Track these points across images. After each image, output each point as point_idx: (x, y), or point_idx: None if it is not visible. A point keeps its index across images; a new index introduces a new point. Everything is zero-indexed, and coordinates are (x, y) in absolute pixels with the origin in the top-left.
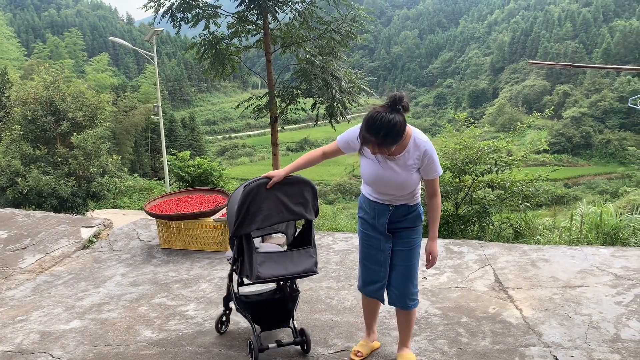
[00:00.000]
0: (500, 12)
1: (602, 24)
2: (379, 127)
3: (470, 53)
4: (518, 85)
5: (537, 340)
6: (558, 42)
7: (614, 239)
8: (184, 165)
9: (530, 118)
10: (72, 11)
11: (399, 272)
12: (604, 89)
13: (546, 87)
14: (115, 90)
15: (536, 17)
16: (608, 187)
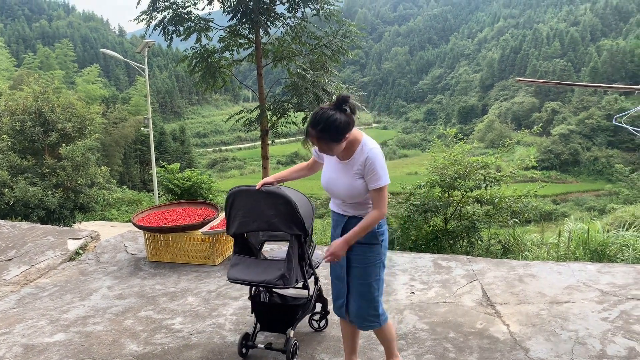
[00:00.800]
0: (490, 29)
1: (589, 43)
2: (318, 121)
3: (460, 70)
4: (507, 102)
5: (524, 355)
6: (547, 60)
7: (601, 256)
8: (174, 178)
9: (519, 134)
10: (63, 22)
11: (354, 289)
12: (591, 107)
13: (535, 104)
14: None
15: (525, 35)
16: (596, 203)
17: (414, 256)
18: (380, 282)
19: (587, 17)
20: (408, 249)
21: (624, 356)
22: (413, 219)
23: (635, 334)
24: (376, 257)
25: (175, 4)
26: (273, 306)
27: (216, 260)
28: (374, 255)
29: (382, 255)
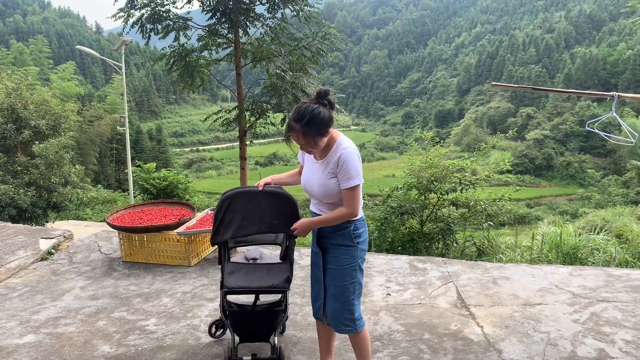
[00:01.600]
0: (467, 35)
1: (564, 50)
2: (302, 115)
3: (438, 74)
4: (483, 107)
5: (497, 357)
6: (522, 65)
7: (573, 259)
8: (149, 178)
9: (494, 139)
10: (38, 18)
11: (330, 292)
12: (565, 113)
13: (510, 109)
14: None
15: (502, 41)
16: (568, 207)
17: (390, 258)
18: (357, 286)
19: (561, 24)
20: (384, 250)
21: (593, 357)
22: (390, 220)
23: (605, 335)
24: (351, 260)
25: (153, 1)
26: (256, 314)
27: (192, 261)
28: (348, 258)
29: (359, 259)
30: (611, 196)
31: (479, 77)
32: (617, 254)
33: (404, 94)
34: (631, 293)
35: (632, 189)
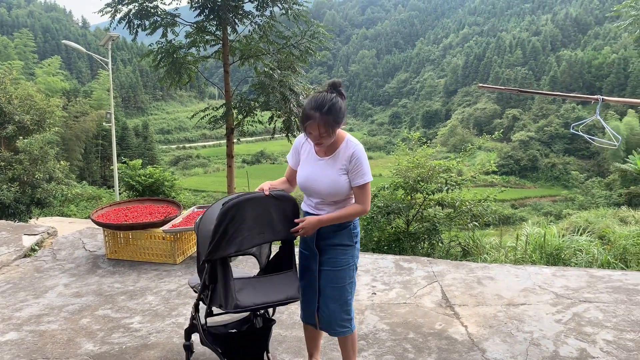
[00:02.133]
0: (455, 36)
1: (550, 52)
2: (322, 103)
3: (425, 75)
4: (470, 108)
5: (481, 356)
6: (509, 67)
7: (556, 259)
8: (135, 174)
9: (480, 140)
10: (23, 11)
11: (326, 295)
12: (550, 115)
13: (497, 110)
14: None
15: (489, 43)
16: (552, 209)
17: (376, 257)
18: (353, 285)
19: (548, 27)
20: (371, 250)
21: (575, 357)
22: (376, 220)
23: (587, 335)
24: (349, 260)
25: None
26: (248, 334)
27: (177, 259)
28: (347, 258)
29: (356, 258)
30: (594, 198)
31: (466, 78)
32: (600, 255)
33: (392, 94)
34: (612, 294)
35: (615, 191)
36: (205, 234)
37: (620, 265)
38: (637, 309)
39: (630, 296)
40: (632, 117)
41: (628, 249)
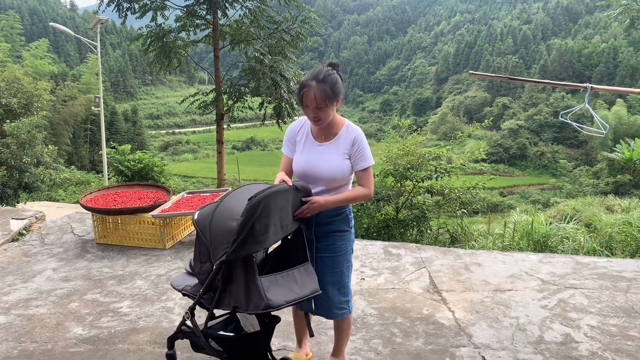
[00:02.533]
0: (446, 23)
1: (540, 41)
2: (318, 72)
3: (417, 62)
4: (460, 96)
5: (468, 341)
6: (500, 56)
7: (543, 247)
8: (124, 160)
9: (470, 128)
10: None
11: (324, 281)
12: (540, 104)
13: (487, 98)
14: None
15: (480, 31)
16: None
17: (365, 243)
18: (350, 268)
19: (539, 16)
20: (360, 236)
21: (560, 342)
22: (366, 207)
23: (571, 321)
24: (347, 245)
25: None
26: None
27: (167, 244)
28: (345, 244)
29: (352, 242)
30: (582, 186)
31: (457, 66)
32: (586, 242)
33: (383, 81)
34: (597, 280)
35: (602, 180)
36: (222, 231)
37: (605, 252)
38: (621, 295)
39: (615, 282)
40: (620, 106)
41: (614, 236)
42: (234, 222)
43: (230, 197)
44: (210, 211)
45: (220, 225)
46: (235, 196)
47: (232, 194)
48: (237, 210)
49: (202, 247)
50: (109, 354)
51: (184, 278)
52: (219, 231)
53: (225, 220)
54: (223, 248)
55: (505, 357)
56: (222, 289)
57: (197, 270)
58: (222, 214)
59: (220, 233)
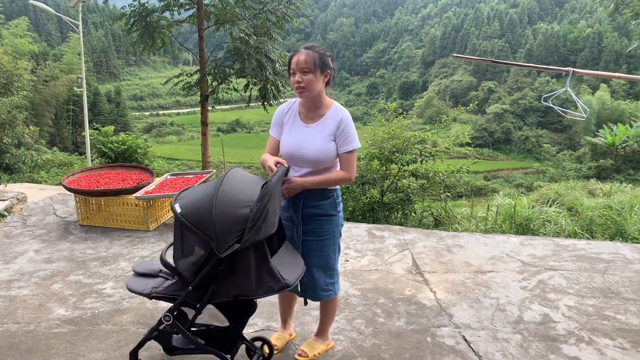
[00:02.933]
0: (433, 6)
1: (527, 25)
2: (308, 45)
3: (403, 45)
4: (446, 80)
5: (448, 321)
6: (486, 39)
7: (526, 229)
8: (108, 141)
9: (455, 112)
10: None
11: (311, 263)
12: (525, 88)
13: (473, 82)
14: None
15: (467, 14)
16: (524, 181)
17: (350, 226)
18: (338, 250)
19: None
20: (345, 219)
21: (538, 322)
22: (351, 190)
23: (550, 301)
24: (334, 229)
25: None
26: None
27: (150, 225)
28: (332, 227)
29: (340, 225)
30: (565, 170)
31: (443, 49)
32: (567, 225)
33: (370, 63)
34: (576, 262)
35: (585, 164)
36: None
37: (586, 235)
38: (599, 276)
39: (593, 264)
40: (604, 91)
41: (594, 220)
42: (244, 210)
43: (227, 187)
44: (201, 202)
45: (228, 214)
46: (232, 185)
47: (226, 183)
48: (243, 199)
49: (190, 241)
50: (92, 335)
51: (142, 281)
52: (227, 221)
53: (233, 209)
54: (233, 237)
55: (484, 337)
56: (221, 280)
57: (182, 266)
58: (227, 204)
59: (228, 223)
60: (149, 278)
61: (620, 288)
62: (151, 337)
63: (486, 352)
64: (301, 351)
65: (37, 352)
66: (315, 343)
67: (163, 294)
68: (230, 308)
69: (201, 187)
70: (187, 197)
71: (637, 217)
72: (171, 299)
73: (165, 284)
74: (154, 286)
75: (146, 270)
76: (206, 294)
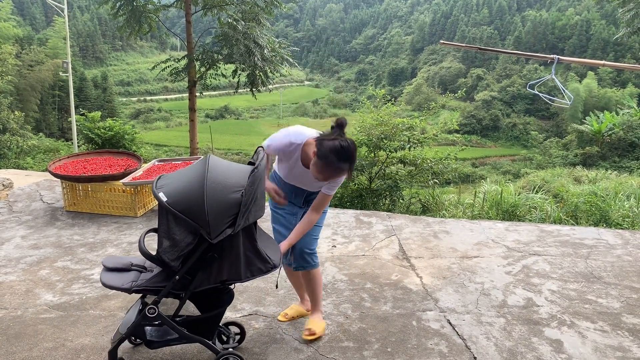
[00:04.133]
0: None
1: (515, 12)
2: (350, 155)
3: (393, 31)
4: (435, 67)
5: (434, 305)
6: (475, 26)
7: (512, 216)
8: (94, 127)
9: (444, 98)
10: None
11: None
12: (513, 75)
13: (461, 69)
14: (19, 42)
15: (456, 1)
16: (511, 168)
17: (338, 211)
18: (320, 228)
19: None
20: (333, 205)
21: (522, 306)
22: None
23: (534, 286)
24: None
25: None
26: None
27: (138, 211)
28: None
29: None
30: (552, 158)
31: (432, 36)
32: (553, 212)
33: (359, 50)
34: (560, 247)
35: (571, 151)
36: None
37: (571, 221)
38: (582, 261)
39: (576, 249)
40: (591, 79)
41: (579, 206)
42: (234, 195)
43: (214, 173)
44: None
45: (219, 200)
46: (218, 171)
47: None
48: (231, 183)
49: (175, 229)
50: (80, 320)
51: (116, 276)
52: (219, 207)
53: (224, 195)
54: (225, 222)
55: (469, 321)
56: (209, 267)
57: (168, 256)
58: (217, 190)
59: (220, 208)
60: (123, 272)
61: (602, 273)
62: (133, 333)
63: (470, 335)
64: (307, 330)
65: (25, 337)
66: (316, 320)
67: (145, 286)
68: (204, 297)
69: (182, 173)
70: (171, 185)
71: (621, 204)
72: (154, 291)
73: (144, 277)
74: (133, 279)
75: (117, 265)
76: (193, 282)
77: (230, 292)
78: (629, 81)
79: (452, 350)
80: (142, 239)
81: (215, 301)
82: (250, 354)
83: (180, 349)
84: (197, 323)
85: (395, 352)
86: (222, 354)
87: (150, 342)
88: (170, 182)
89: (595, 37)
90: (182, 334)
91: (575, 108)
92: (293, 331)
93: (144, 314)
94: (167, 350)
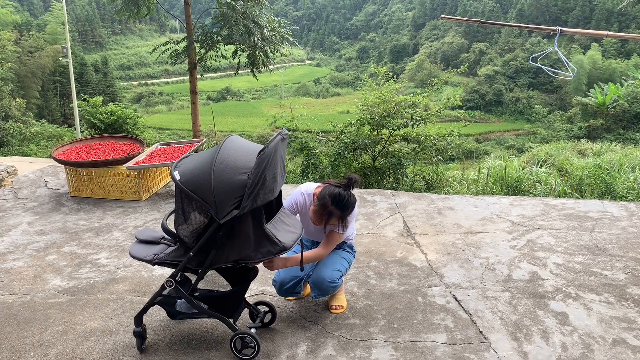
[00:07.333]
0: None
1: None
2: (346, 204)
3: (394, 7)
4: (437, 42)
5: (439, 281)
6: (477, 0)
7: (516, 191)
8: (96, 112)
9: (446, 74)
10: None
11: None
12: (516, 49)
13: (464, 44)
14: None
15: None
16: (515, 142)
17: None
18: (348, 263)
19: None
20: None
21: (527, 279)
22: (343, 156)
23: (538, 259)
24: (346, 255)
25: None
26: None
27: (142, 195)
28: (345, 254)
29: (350, 263)
30: (556, 131)
31: (434, 11)
32: (557, 186)
33: (360, 27)
34: (565, 221)
35: (575, 125)
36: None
37: (575, 195)
38: (586, 234)
39: (581, 222)
40: (595, 50)
41: (584, 179)
42: (241, 176)
43: (225, 154)
44: (200, 169)
45: (226, 181)
46: (229, 152)
47: (223, 150)
48: (240, 165)
49: (189, 208)
50: (89, 304)
51: (144, 248)
52: (225, 187)
53: (231, 176)
54: (232, 203)
55: (474, 295)
56: (221, 246)
57: (183, 233)
58: (224, 171)
59: (226, 189)
60: (151, 245)
61: (607, 245)
62: (155, 302)
63: (476, 310)
64: (333, 306)
65: (35, 321)
66: (341, 297)
67: (165, 259)
68: (232, 273)
69: (200, 154)
70: (185, 165)
71: (625, 176)
72: (173, 265)
73: (167, 251)
74: (157, 252)
75: (148, 238)
76: (207, 260)
77: (255, 271)
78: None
79: (458, 325)
80: (167, 214)
81: (240, 278)
82: (258, 332)
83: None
84: (216, 299)
85: (402, 328)
86: (238, 332)
87: (176, 313)
88: (186, 162)
89: (599, 8)
90: (200, 308)
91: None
92: (300, 309)
93: (163, 285)
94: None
